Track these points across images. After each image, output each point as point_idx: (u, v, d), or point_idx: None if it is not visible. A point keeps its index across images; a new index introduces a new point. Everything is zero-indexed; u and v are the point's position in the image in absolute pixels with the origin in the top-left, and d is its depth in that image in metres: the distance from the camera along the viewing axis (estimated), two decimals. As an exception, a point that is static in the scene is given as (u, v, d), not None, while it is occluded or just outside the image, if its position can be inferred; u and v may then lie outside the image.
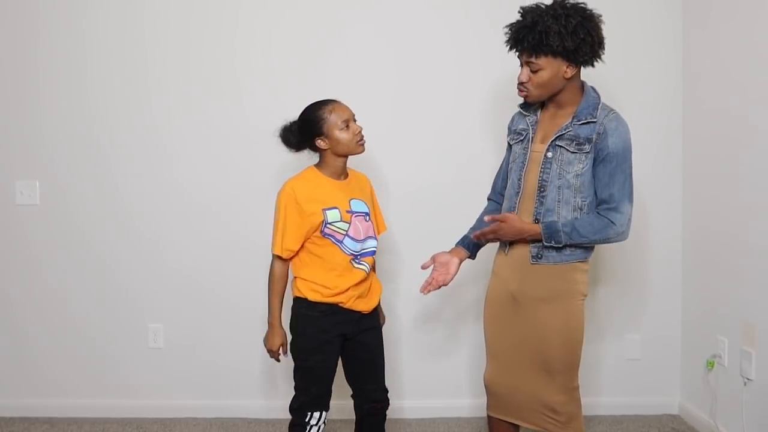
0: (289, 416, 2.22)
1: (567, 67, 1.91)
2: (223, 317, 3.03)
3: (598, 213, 1.94)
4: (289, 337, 2.18)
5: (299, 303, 2.13)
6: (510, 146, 2.16)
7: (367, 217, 2.15)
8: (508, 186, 2.12)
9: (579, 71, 1.97)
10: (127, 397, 3.05)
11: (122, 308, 3.04)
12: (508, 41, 1.98)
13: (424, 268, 2.20)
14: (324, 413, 2.13)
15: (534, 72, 1.91)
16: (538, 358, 1.99)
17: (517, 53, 1.97)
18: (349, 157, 2.15)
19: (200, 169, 3.00)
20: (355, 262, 2.11)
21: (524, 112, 2.11)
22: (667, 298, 3.01)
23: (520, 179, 2.03)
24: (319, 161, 2.15)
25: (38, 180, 3.02)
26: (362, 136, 2.09)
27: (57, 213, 3.03)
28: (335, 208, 2.07)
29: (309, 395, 2.11)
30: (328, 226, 2.06)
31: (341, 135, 2.05)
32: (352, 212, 2.10)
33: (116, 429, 2.92)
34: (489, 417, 2.16)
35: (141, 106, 2.99)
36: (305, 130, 2.09)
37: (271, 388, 3.01)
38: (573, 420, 2.00)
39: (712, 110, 2.73)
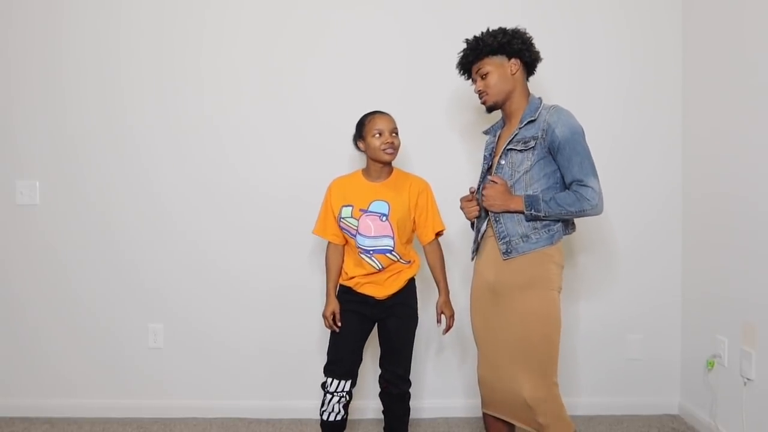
0: (288, 416, 2.30)
1: (510, 64, 2.15)
2: (222, 317, 3.04)
3: (571, 190, 2.07)
4: None
5: (339, 285, 2.49)
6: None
7: (383, 218, 2.35)
8: None
9: (524, 76, 2.19)
10: (127, 397, 3.05)
11: (122, 308, 3.05)
12: (458, 68, 2.28)
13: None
14: (340, 383, 2.35)
15: (484, 78, 2.17)
16: (516, 347, 2.04)
17: (468, 75, 2.27)
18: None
19: (201, 171, 3.01)
20: (365, 256, 2.36)
21: (487, 135, 2.34)
22: (667, 298, 3.01)
23: (478, 191, 2.22)
24: (366, 164, 2.44)
25: (38, 180, 3.02)
26: (390, 145, 2.33)
27: (57, 213, 3.03)
28: (350, 205, 2.38)
29: (328, 360, 2.40)
30: (342, 220, 2.39)
31: (371, 141, 2.34)
32: (366, 211, 2.35)
33: (116, 429, 2.92)
34: (484, 414, 2.23)
35: (140, 108, 3.00)
36: (355, 133, 2.42)
37: (272, 388, 3.01)
38: (557, 422, 2.01)
39: (712, 110, 2.73)
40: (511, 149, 2.12)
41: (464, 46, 2.23)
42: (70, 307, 3.05)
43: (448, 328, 2.45)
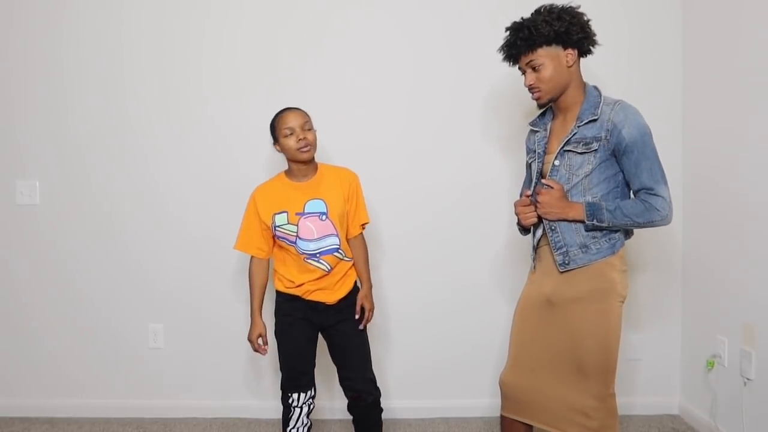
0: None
1: (566, 54, 1.94)
2: (222, 317, 3.03)
3: (639, 198, 1.92)
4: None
5: (276, 294, 2.34)
6: (529, 165, 2.15)
7: (323, 217, 2.23)
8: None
9: (578, 64, 1.99)
10: (127, 397, 3.05)
11: (122, 308, 3.05)
12: (505, 56, 2.03)
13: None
14: (305, 394, 2.27)
15: (537, 70, 1.95)
16: (572, 359, 1.93)
17: (517, 64, 2.02)
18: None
19: (202, 170, 3.01)
20: (312, 260, 2.23)
21: (534, 128, 2.12)
22: (667, 298, 3.01)
23: (532, 195, 2.02)
24: (287, 166, 2.30)
25: (38, 180, 3.02)
26: (305, 144, 2.18)
27: (57, 213, 3.03)
28: (284, 212, 2.23)
29: (284, 377, 2.28)
30: (277, 229, 2.23)
31: (285, 142, 2.20)
32: (302, 214, 2.22)
33: (116, 429, 2.92)
34: (502, 417, 2.09)
35: (141, 107, 3.00)
36: (271, 136, 2.28)
37: (271, 389, 3.01)
38: (606, 430, 1.91)
39: (712, 109, 2.73)
40: (569, 150, 1.93)
41: (510, 31, 1.98)
42: (70, 307, 3.05)
43: (367, 321, 2.34)
